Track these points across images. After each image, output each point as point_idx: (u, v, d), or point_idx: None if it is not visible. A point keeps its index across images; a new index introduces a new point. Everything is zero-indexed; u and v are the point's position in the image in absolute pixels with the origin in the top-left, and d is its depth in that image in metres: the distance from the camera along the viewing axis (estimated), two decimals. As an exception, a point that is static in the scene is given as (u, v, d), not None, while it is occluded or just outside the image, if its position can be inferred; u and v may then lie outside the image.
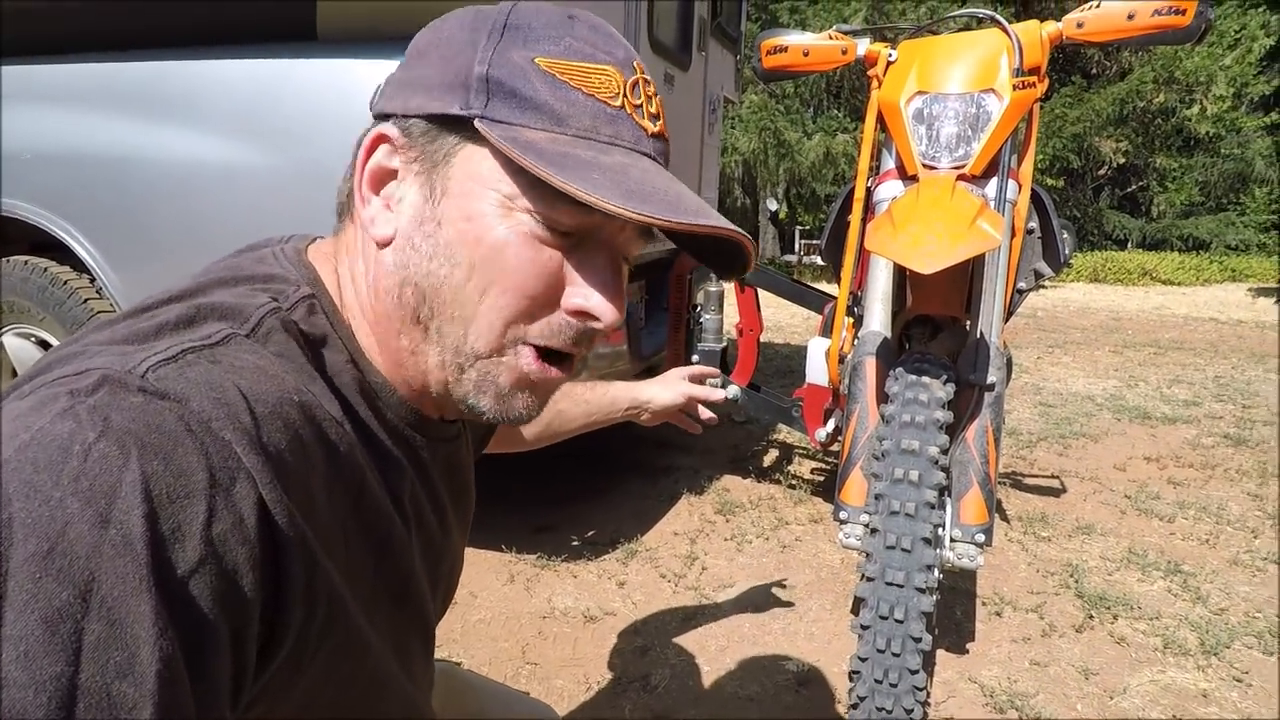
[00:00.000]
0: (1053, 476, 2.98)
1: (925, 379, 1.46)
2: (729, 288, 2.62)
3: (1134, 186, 14.64)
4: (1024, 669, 1.74)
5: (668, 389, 1.04)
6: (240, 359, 0.42)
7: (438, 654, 1.81)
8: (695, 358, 2.60)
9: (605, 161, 0.45)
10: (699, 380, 1.08)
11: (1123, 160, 13.16)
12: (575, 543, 2.35)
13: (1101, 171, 13.91)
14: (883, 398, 1.56)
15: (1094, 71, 13.08)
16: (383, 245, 0.50)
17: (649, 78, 0.50)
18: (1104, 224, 13.97)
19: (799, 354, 5.32)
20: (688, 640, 1.85)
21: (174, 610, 0.33)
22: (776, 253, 14.28)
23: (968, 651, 1.82)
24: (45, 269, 2.07)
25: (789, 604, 2.02)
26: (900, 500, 1.34)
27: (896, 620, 1.27)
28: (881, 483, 1.39)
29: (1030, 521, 2.54)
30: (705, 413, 1.08)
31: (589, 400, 0.98)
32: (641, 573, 2.18)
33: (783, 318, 6.94)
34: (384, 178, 0.50)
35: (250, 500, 0.37)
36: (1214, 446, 3.40)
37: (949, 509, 1.53)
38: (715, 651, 1.81)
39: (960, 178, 1.61)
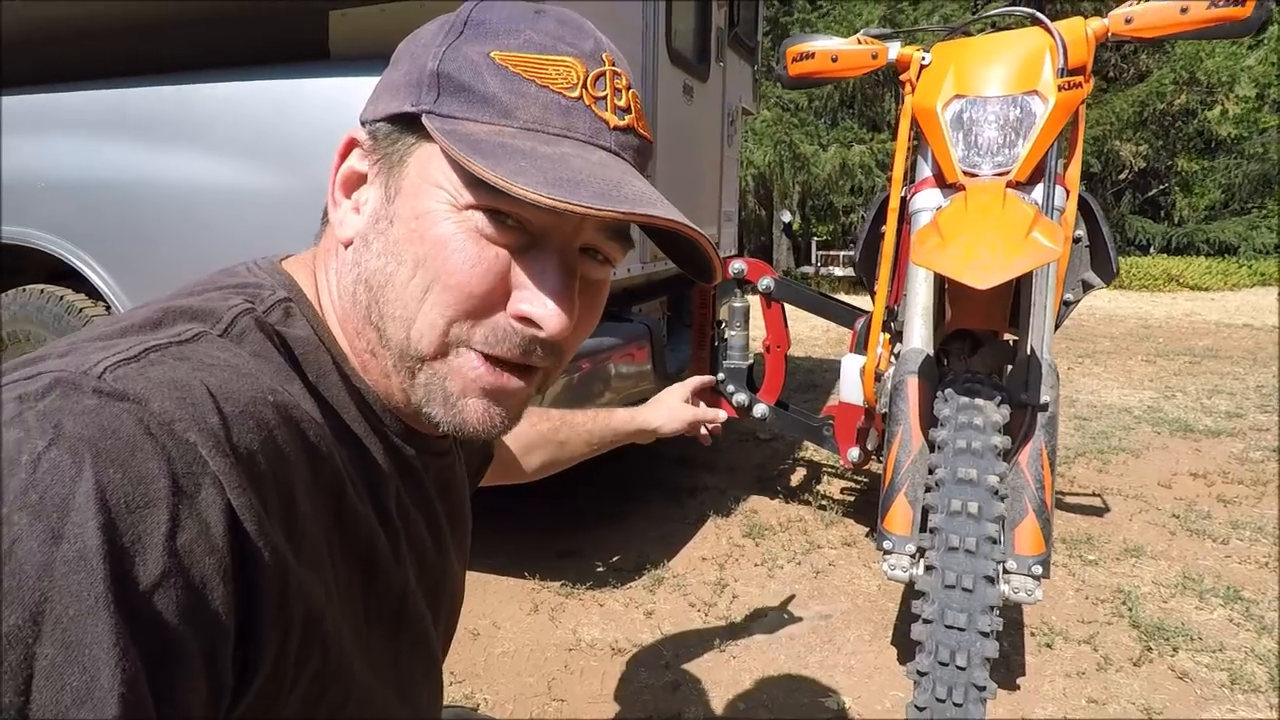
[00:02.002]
0: (1095, 495, 2.85)
1: (978, 400, 1.36)
2: (754, 302, 2.53)
3: (1155, 190, 14.44)
4: (1081, 707, 1.63)
5: (671, 416, 1.04)
6: (212, 356, 0.40)
7: (459, 691, 1.73)
8: (720, 376, 2.52)
9: (544, 151, 0.43)
10: (700, 394, 1.09)
11: (1143, 164, 12.98)
12: (600, 568, 2.27)
13: (1122, 176, 13.73)
14: (929, 420, 1.46)
15: (1111, 74, 12.92)
16: (346, 247, 0.49)
17: (620, 70, 0.48)
18: (1126, 229, 13.77)
19: (820, 368, 5.22)
20: (721, 674, 1.76)
21: (136, 629, 0.31)
22: (792, 265, 14.19)
23: (1018, 687, 1.71)
24: (61, 297, 2.07)
25: (825, 634, 1.92)
26: (959, 535, 1.24)
27: (958, 667, 1.17)
28: (937, 515, 1.29)
29: (1075, 544, 2.42)
30: (706, 428, 1.09)
31: (590, 431, 0.96)
32: (670, 601, 2.09)
33: (802, 330, 6.83)
34: (356, 182, 0.50)
35: (217, 507, 0.35)
36: (1263, 461, 3.26)
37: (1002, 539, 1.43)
38: (750, 686, 1.72)
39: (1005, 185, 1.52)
